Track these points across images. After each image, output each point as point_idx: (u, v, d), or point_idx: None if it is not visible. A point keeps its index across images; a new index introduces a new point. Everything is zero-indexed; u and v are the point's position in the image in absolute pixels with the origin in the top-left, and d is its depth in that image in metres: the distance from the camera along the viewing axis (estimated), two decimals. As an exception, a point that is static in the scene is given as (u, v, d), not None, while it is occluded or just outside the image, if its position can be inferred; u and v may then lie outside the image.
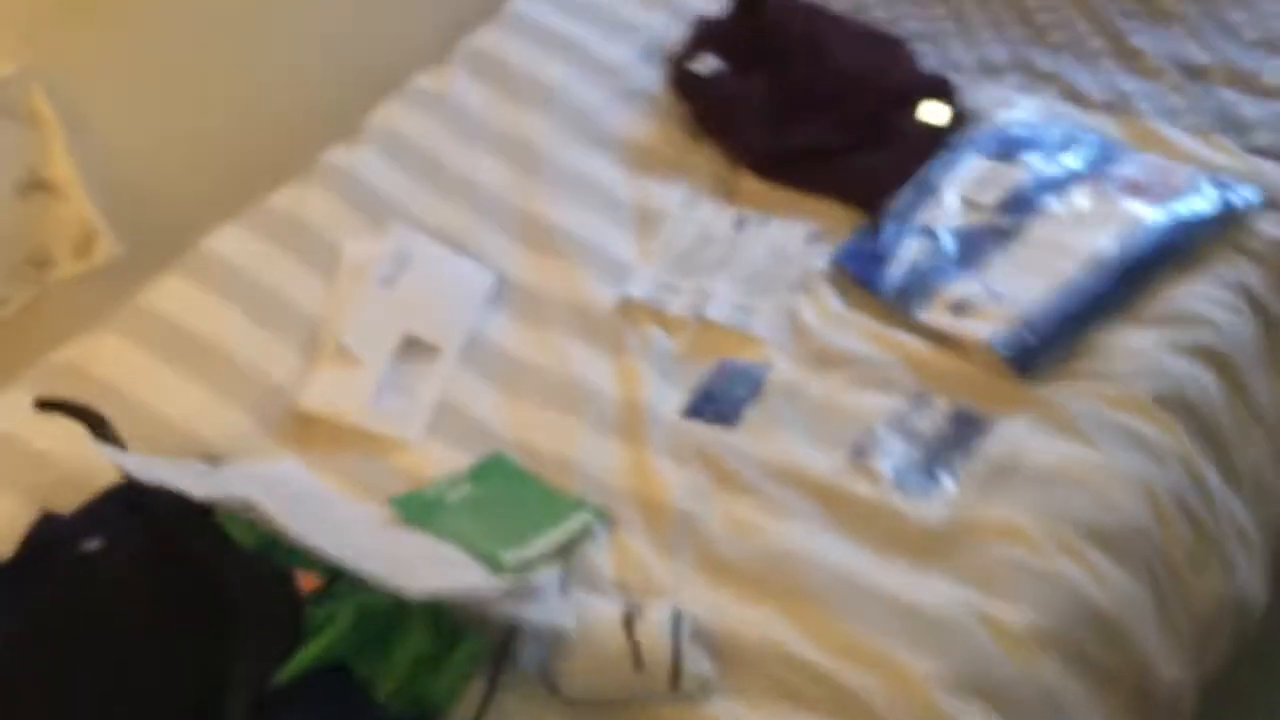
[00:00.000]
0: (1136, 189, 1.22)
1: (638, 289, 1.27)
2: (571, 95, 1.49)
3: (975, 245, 1.22)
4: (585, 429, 1.14)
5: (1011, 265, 1.18)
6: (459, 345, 1.23)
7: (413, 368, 1.19)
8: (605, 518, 1.05)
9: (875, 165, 1.33)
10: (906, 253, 1.23)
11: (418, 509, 1.06)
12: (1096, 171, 1.25)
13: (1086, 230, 1.19)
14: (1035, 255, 1.18)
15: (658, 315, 1.24)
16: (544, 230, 1.35)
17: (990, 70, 1.47)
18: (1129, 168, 1.25)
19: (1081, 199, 1.22)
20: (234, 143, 1.44)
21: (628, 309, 1.25)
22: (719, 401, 1.16)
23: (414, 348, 1.20)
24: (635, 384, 1.18)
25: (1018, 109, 1.38)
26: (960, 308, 1.16)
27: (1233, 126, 1.30)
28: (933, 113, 1.38)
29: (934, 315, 1.16)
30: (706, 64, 1.48)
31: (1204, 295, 1.13)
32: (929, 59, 1.49)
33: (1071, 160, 1.28)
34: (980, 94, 1.42)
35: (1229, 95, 1.34)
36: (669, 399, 1.16)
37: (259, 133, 1.44)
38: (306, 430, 1.14)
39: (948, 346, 1.14)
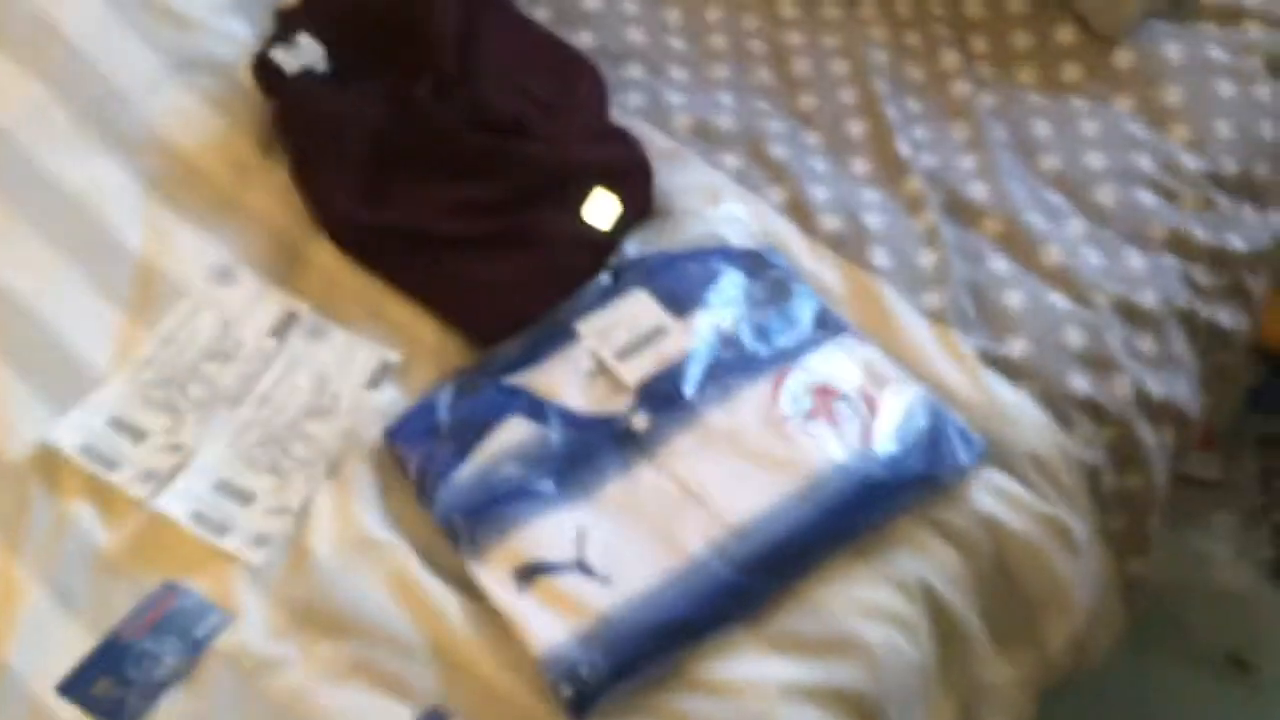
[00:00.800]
0: (827, 408, 0.83)
1: (71, 435, 0.81)
2: (94, 50, 0.96)
3: (590, 455, 0.81)
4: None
5: (625, 510, 0.78)
6: None
7: None
8: None
9: (505, 277, 0.89)
10: (493, 443, 0.83)
11: None
12: (788, 361, 0.85)
13: (739, 472, 0.79)
14: (661, 500, 0.78)
15: (95, 483, 0.80)
16: (-27, 285, 0.89)
17: (707, 138, 1.01)
18: (831, 363, 0.85)
19: (750, 412, 0.82)
20: None
21: (49, 464, 0.81)
22: (126, 674, 0.72)
23: None
24: (12, 611, 0.75)
25: (721, 218, 0.95)
26: (529, 573, 0.77)
27: (984, 321, 0.90)
28: (603, 210, 1.00)
29: (492, 575, 0.76)
30: (299, 53, 0.98)
31: (865, 602, 0.76)
32: (630, 99, 1.02)
33: (764, 332, 0.86)
34: (683, 175, 0.97)
35: (995, 266, 0.94)
36: (58, 647, 0.73)
37: None
38: None
39: (497, 630, 0.76)
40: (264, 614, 0.76)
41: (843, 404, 0.83)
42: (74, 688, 0.71)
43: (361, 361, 0.88)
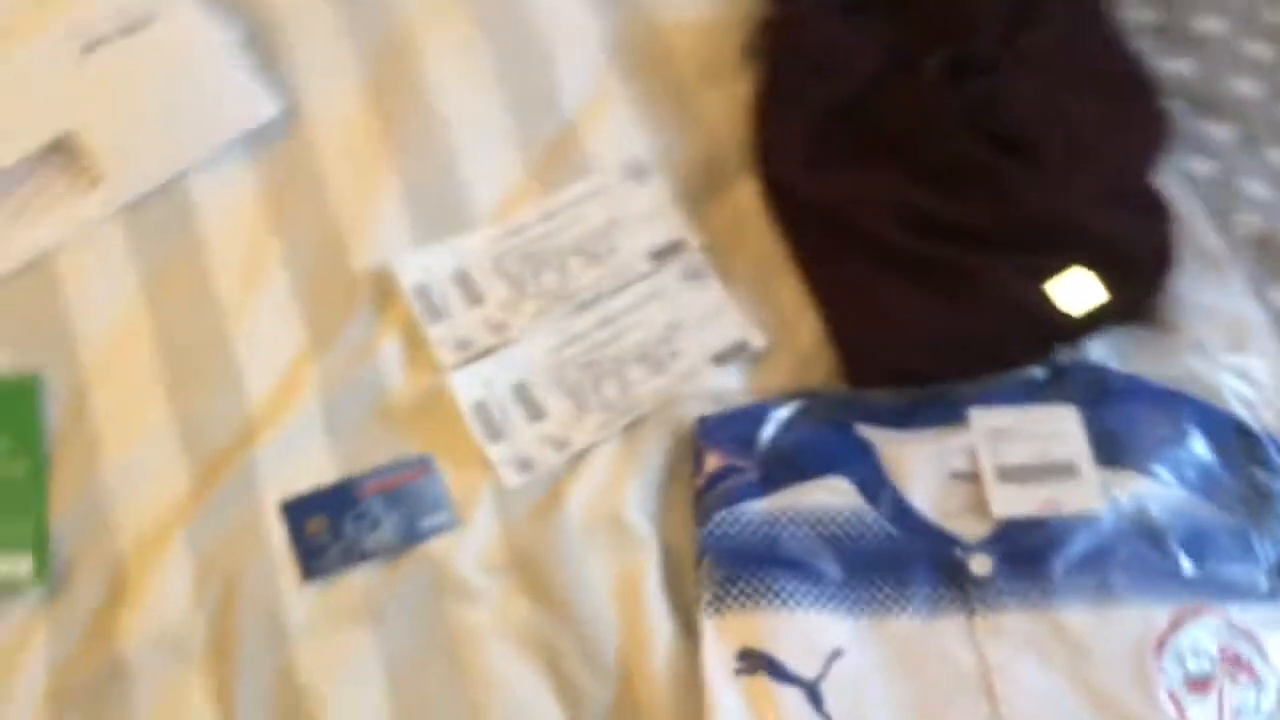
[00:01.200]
0: (1225, 687, 0.61)
1: (413, 270, 0.80)
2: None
3: (900, 566, 0.67)
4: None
5: (900, 656, 0.65)
6: (135, 186, 0.83)
7: (39, 189, 0.84)
8: (42, 580, 0.69)
9: (921, 317, 0.75)
10: (805, 493, 0.71)
11: None
12: (1209, 598, 0.65)
13: (1065, 705, 0.61)
14: (949, 673, 0.64)
15: (414, 327, 0.78)
16: (405, 69, 0.86)
17: (1271, 256, 0.80)
18: (1266, 632, 0.63)
19: (1122, 638, 0.63)
20: None
21: (385, 288, 0.80)
22: (343, 525, 0.71)
23: (62, 159, 0.82)
24: (283, 407, 0.75)
25: (1233, 370, 0.73)
26: (755, 664, 0.63)
27: None
28: (1080, 290, 0.81)
29: (717, 636, 0.66)
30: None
31: None
32: (1194, 166, 0.81)
33: (1203, 544, 0.66)
34: (1212, 292, 0.77)
35: None
36: (302, 466, 0.73)
37: None
38: None
39: (695, 696, 0.65)
40: (487, 540, 0.72)
41: (1250, 693, 0.63)
42: (294, 512, 0.73)
43: (722, 330, 0.80)
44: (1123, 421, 0.72)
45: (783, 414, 0.75)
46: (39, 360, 0.78)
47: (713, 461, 0.74)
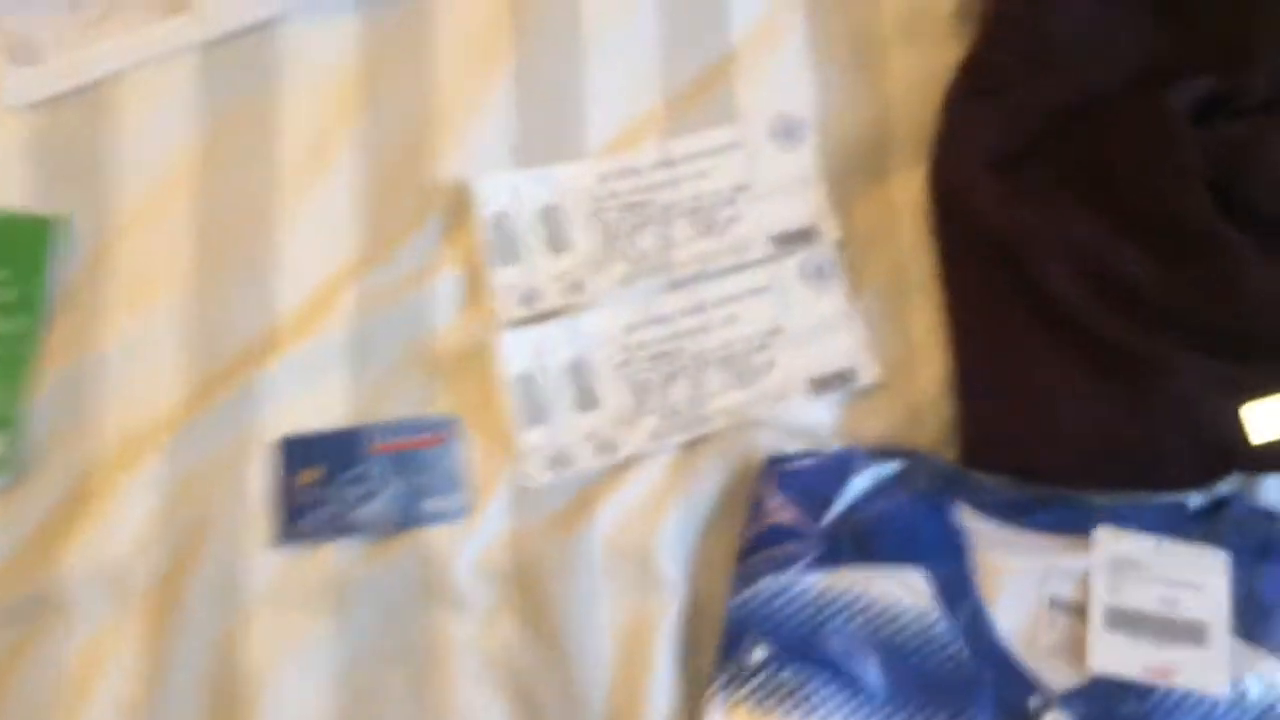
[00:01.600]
0: None
1: (495, 194, 0.69)
2: None
3: (956, 695, 0.57)
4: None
5: None
6: (224, 20, 0.72)
7: (119, 4, 0.74)
8: (4, 472, 0.62)
9: (1068, 400, 0.62)
10: (869, 580, 0.60)
11: None
12: None
13: None
14: None
15: (480, 264, 0.69)
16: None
17: None
18: None
19: None
20: None
21: (461, 206, 0.71)
22: (337, 484, 0.64)
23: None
24: (305, 332, 0.67)
25: None
26: None
27: None
28: (1276, 413, 0.65)
29: None
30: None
31: None
32: None
33: None
34: None
35: None
36: (312, 397, 0.66)
37: None
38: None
39: None
40: (492, 539, 0.64)
41: None
42: (291, 453, 0.65)
43: (830, 349, 0.68)
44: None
45: (869, 473, 0.63)
46: (70, 198, 0.71)
47: (775, 513, 0.64)
